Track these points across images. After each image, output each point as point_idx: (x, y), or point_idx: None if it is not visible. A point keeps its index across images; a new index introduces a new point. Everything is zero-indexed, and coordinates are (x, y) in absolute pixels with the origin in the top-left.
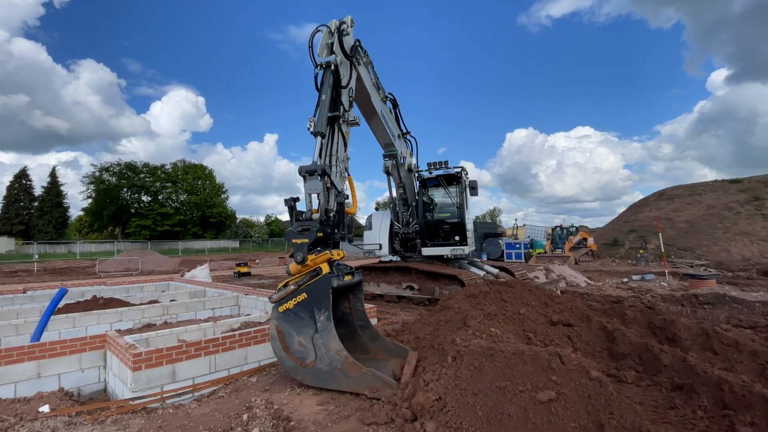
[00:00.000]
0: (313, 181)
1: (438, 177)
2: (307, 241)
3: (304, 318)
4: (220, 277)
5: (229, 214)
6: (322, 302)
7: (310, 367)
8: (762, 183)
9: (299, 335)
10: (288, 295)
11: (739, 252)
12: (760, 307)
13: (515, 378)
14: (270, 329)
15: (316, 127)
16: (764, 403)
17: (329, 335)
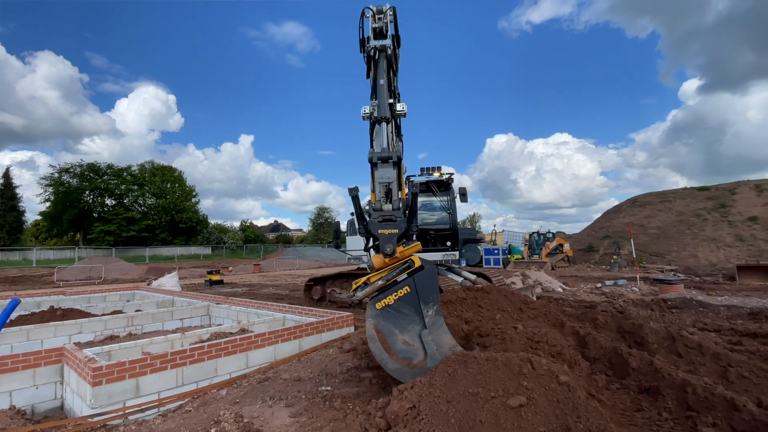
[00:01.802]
0: (386, 169)
1: (428, 182)
2: (396, 231)
3: (408, 314)
4: (190, 285)
5: (200, 219)
6: (429, 295)
7: (419, 367)
8: (728, 190)
9: (403, 333)
10: (378, 290)
11: (706, 257)
12: (724, 311)
13: (488, 384)
14: (367, 329)
15: (380, 113)
16: (725, 404)
17: (440, 330)
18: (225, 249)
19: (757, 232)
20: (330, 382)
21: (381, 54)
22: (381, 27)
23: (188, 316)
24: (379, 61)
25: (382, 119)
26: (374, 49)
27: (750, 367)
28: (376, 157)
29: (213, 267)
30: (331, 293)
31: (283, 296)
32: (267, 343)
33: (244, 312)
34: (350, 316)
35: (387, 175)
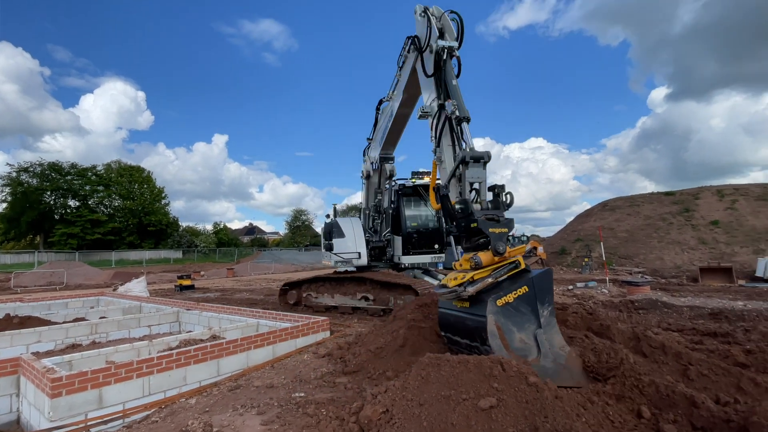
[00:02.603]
0: (476, 169)
1: (416, 186)
2: (506, 230)
3: (525, 313)
4: (159, 291)
5: (170, 221)
6: (546, 296)
7: (533, 364)
8: (692, 196)
9: (520, 331)
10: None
11: (672, 260)
12: (687, 312)
13: (459, 386)
14: (488, 325)
15: (463, 113)
16: (686, 402)
17: (553, 330)
18: (197, 253)
19: (719, 235)
20: (304, 388)
21: (449, 54)
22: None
23: (156, 323)
24: (447, 62)
25: (463, 119)
26: (444, 49)
27: (709, 365)
28: (469, 156)
29: (184, 271)
30: (307, 297)
31: (258, 301)
32: (239, 350)
33: (215, 318)
34: (326, 321)
35: (478, 174)
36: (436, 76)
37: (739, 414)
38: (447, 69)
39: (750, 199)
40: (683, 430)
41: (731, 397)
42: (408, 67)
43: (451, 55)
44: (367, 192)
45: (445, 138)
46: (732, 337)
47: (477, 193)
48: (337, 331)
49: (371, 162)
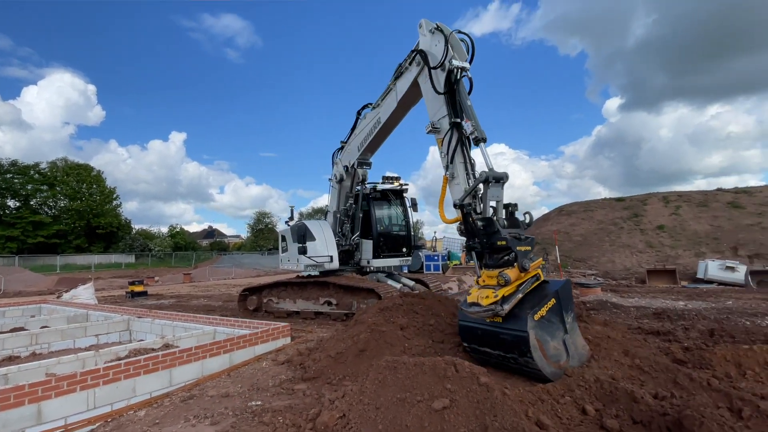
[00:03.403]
0: (496, 189)
1: (384, 191)
2: (530, 248)
3: (555, 322)
4: (108, 297)
5: (122, 223)
6: (569, 304)
7: (564, 369)
8: (641, 201)
9: (553, 339)
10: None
11: (622, 262)
12: (634, 312)
13: (415, 389)
14: (530, 339)
15: (481, 134)
16: (627, 397)
17: (576, 333)
18: (151, 257)
19: (664, 239)
20: (261, 396)
21: (463, 75)
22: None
23: (105, 331)
24: (460, 81)
25: (482, 139)
26: (458, 69)
27: (650, 362)
28: (492, 177)
29: (136, 277)
30: (267, 303)
31: (216, 308)
32: (193, 359)
33: (169, 326)
34: (286, 327)
35: (497, 194)
36: (448, 95)
37: (674, 408)
38: (461, 89)
39: (692, 206)
40: (624, 424)
41: (668, 391)
42: (408, 80)
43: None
44: (338, 196)
45: (458, 156)
46: (673, 335)
47: (494, 211)
48: (298, 337)
49: (345, 165)
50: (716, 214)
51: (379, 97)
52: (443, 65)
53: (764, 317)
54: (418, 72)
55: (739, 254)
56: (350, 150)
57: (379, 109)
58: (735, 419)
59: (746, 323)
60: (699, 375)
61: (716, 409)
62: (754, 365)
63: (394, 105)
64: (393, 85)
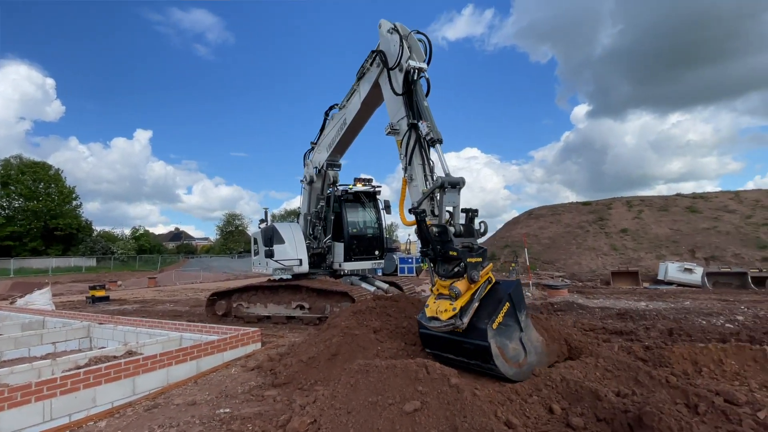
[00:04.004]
0: (452, 195)
1: (357, 193)
2: (481, 260)
3: (511, 324)
4: (67, 303)
5: (82, 225)
6: (521, 304)
7: (525, 366)
8: (605, 206)
9: (511, 342)
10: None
11: (588, 264)
12: (599, 312)
13: (386, 391)
14: (492, 349)
15: (437, 135)
16: (591, 396)
17: (530, 329)
18: (113, 260)
19: (627, 242)
20: (229, 403)
21: (421, 75)
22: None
23: (63, 339)
24: (417, 82)
25: (437, 141)
26: (415, 69)
27: (613, 361)
28: (447, 182)
29: (97, 281)
30: (237, 308)
31: (182, 313)
32: (158, 366)
33: (132, 332)
34: (257, 332)
35: (453, 200)
36: (406, 96)
37: (635, 405)
38: (417, 89)
39: (654, 210)
40: (589, 422)
41: (630, 389)
42: (370, 80)
43: (420, 75)
44: (309, 197)
45: (416, 157)
46: (635, 334)
47: (451, 216)
48: (269, 343)
49: (315, 167)
50: (675, 218)
51: (344, 98)
52: (400, 66)
53: (719, 317)
54: (378, 73)
55: (696, 256)
56: (319, 151)
57: (345, 110)
58: (691, 414)
59: (702, 323)
60: (658, 373)
61: (674, 405)
62: (709, 363)
63: (359, 106)
64: (357, 86)
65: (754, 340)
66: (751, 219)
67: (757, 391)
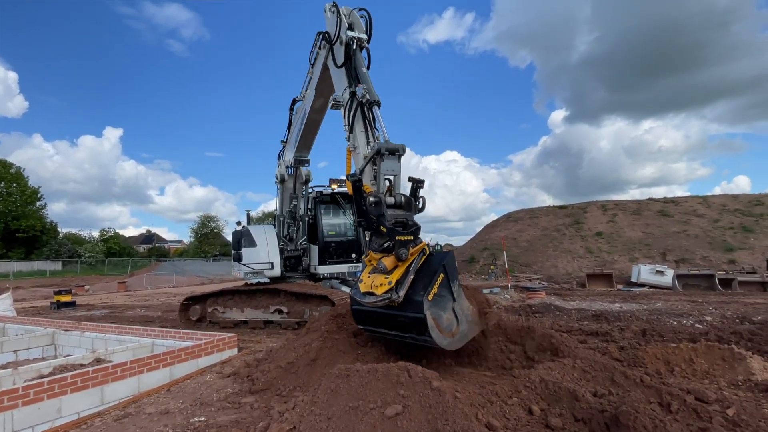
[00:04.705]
0: (391, 162)
1: (334, 194)
2: (412, 238)
3: (445, 295)
4: (30, 309)
5: (46, 227)
6: (454, 274)
7: (457, 335)
8: (581, 209)
9: (445, 312)
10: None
11: (564, 267)
12: (575, 314)
13: (368, 396)
14: (428, 321)
15: (374, 96)
16: (569, 396)
17: (462, 298)
18: (80, 264)
19: (602, 245)
20: (204, 411)
21: (359, 46)
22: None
23: (25, 347)
24: (357, 52)
25: (374, 102)
26: (354, 39)
27: (590, 362)
28: (384, 149)
29: (63, 286)
30: (212, 313)
31: (155, 319)
32: (129, 374)
33: (101, 339)
34: (233, 337)
35: (393, 167)
36: (347, 67)
37: (612, 404)
38: (357, 58)
39: (627, 213)
40: (567, 422)
41: (606, 389)
42: (320, 63)
43: (360, 46)
44: (282, 197)
45: (358, 124)
46: (610, 335)
47: (391, 186)
48: (246, 348)
49: (286, 165)
50: (648, 222)
51: (302, 88)
52: (340, 38)
53: (689, 317)
54: (325, 54)
55: (667, 259)
56: (289, 149)
57: (305, 101)
58: (665, 413)
59: (673, 323)
60: (633, 373)
61: (648, 404)
62: (681, 362)
63: (314, 93)
64: (311, 72)
65: (722, 339)
66: (718, 223)
67: (726, 389)
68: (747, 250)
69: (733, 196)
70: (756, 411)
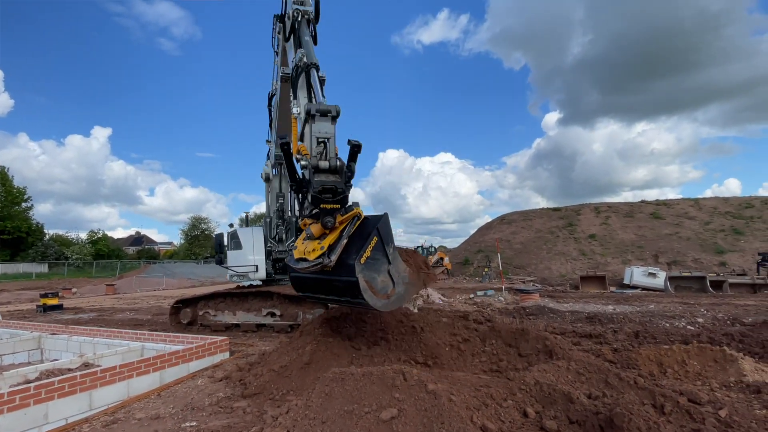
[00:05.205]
0: (324, 123)
1: None
2: (338, 207)
3: (379, 258)
4: (15, 312)
5: (32, 228)
6: (389, 237)
7: (393, 296)
8: (575, 211)
9: (380, 275)
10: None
11: (558, 269)
12: (569, 316)
13: (363, 400)
14: (360, 284)
15: (311, 59)
16: (564, 398)
17: (398, 260)
18: (68, 266)
19: (595, 247)
20: (196, 416)
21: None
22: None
23: (10, 351)
24: (302, 22)
25: (312, 65)
26: (298, 11)
27: (584, 364)
28: (314, 109)
29: (49, 288)
30: (203, 316)
31: (144, 322)
32: (118, 379)
33: (89, 343)
34: (225, 341)
35: (325, 129)
36: (293, 38)
37: (606, 406)
38: (301, 28)
39: (620, 216)
40: (562, 424)
41: (600, 391)
42: (280, 50)
43: (307, 20)
44: (268, 197)
45: (301, 90)
46: (603, 338)
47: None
48: (238, 352)
49: (272, 164)
50: (640, 224)
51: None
52: (287, 13)
53: (681, 319)
54: (282, 37)
55: (659, 261)
56: (272, 147)
57: (278, 93)
58: (658, 414)
59: (666, 325)
60: (627, 375)
61: (642, 406)
62: (673, 363)
63: (280, 81)
64: (276, 61)
65: (714, 341)
66: (709, 225)
67: (718, 391)
68: (737, 252)
69: (724, 199)
70: (748, 412)
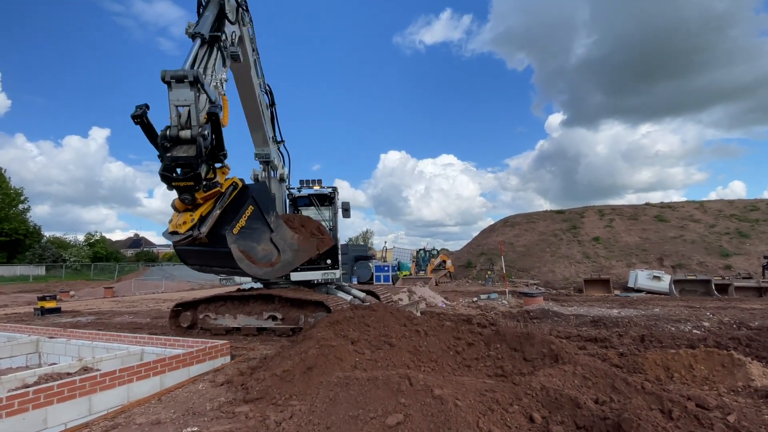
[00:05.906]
0: (181, 90)
1: (310, 196)
2: (192, 184)
3: (258, 227)
4: (13, 315)
5: (30, 230)
6: (269, 206)
7: (278, 264)
8: (578, 214)
9: (260, 244)
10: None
11: (561, 272)
12: (573, 320)
13: (368, 405)
14: (234, 254)
15: (197, 28)
16: (571, 403)
17: (282, 228)
18: (65, 269)
19: (599, 250)
20: (197, 421)
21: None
22: None
23: (8, 355)
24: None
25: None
26: None
27: (591, 368)
28: (169, 76)
29: (47, 291)
30: (204, 319)
31: (143, 325)
32: (118, 383)
33: (88, 347)
34: (226, 345)
35: (183, 96)
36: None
37: (614, 411)
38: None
39: (624, 218)
40: (569, 430)
41: (607, 396)
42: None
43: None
44: None
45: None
46: (609, 341)
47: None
48: (240, 356)
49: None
50: (645, 227)
51: None
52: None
53: (686, 323)
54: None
55: (664, 264)
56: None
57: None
58: (666, 420)
59: (671, 329)
60: (634, 379)
61: (650, 411)
62: (680, 368)
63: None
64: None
65: (721, 345)
66: (714, 228)
67: (726, 396)
68: (743, 255)
69: (729, 202)
70: (756, 417)
